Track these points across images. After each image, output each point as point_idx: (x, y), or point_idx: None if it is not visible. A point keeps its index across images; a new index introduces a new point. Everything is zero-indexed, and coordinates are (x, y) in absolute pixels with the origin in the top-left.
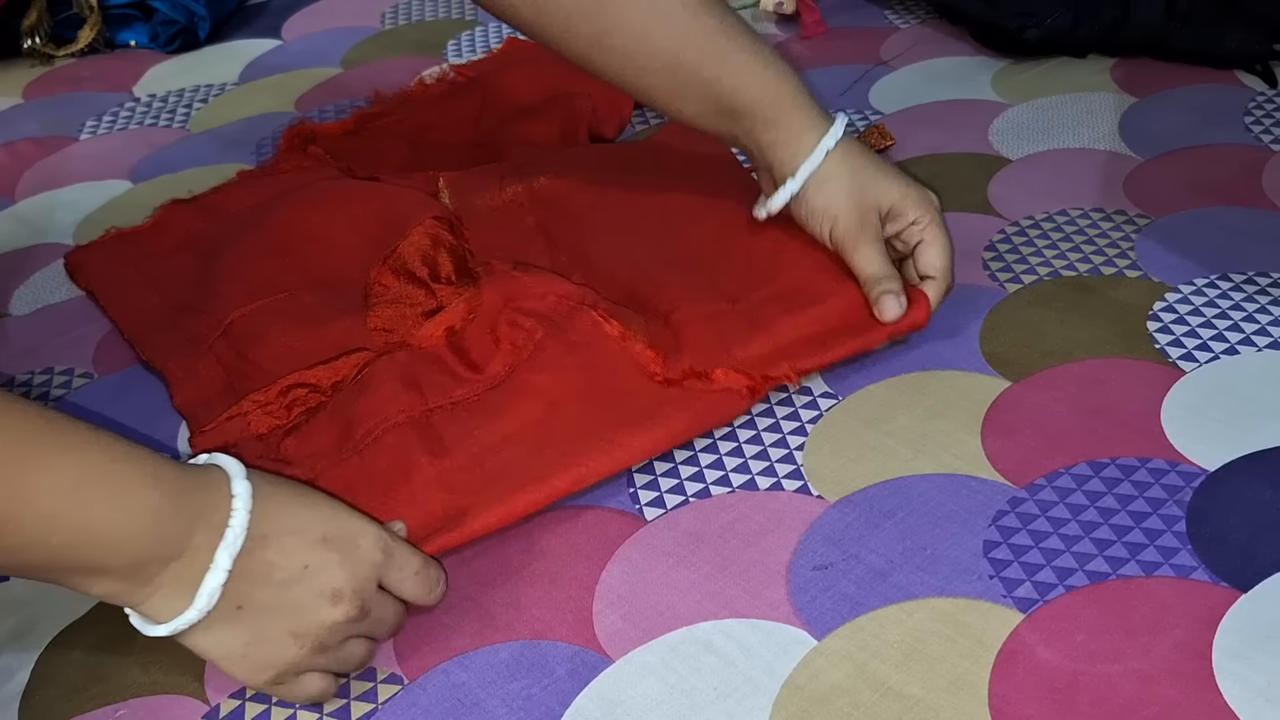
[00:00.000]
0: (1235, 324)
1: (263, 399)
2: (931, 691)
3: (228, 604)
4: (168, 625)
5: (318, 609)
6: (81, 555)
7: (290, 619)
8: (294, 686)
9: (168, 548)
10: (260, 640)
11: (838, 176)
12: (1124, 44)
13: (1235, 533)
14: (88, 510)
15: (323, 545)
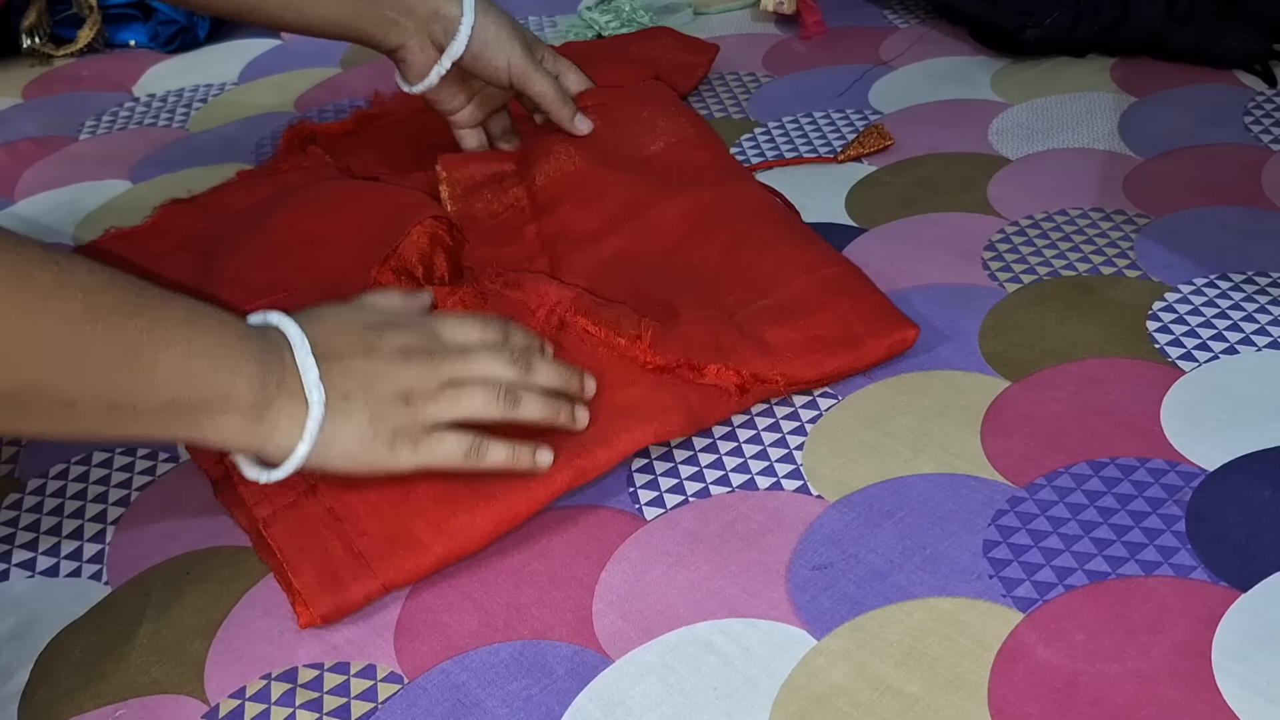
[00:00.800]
0: (1235, 324)
1: None
2: (931, 691)
3: (336, 395)
4: (305, 439)
5: (398, 369)
6: (213, 378)
7: (386, 383)
8: (433, 448)
9: (266, 375)
10: (378, 413)
11: (495, 23)
12: (1123, 44)
13: (1235, 532)
14: (208, 336)
15: (371, 328)
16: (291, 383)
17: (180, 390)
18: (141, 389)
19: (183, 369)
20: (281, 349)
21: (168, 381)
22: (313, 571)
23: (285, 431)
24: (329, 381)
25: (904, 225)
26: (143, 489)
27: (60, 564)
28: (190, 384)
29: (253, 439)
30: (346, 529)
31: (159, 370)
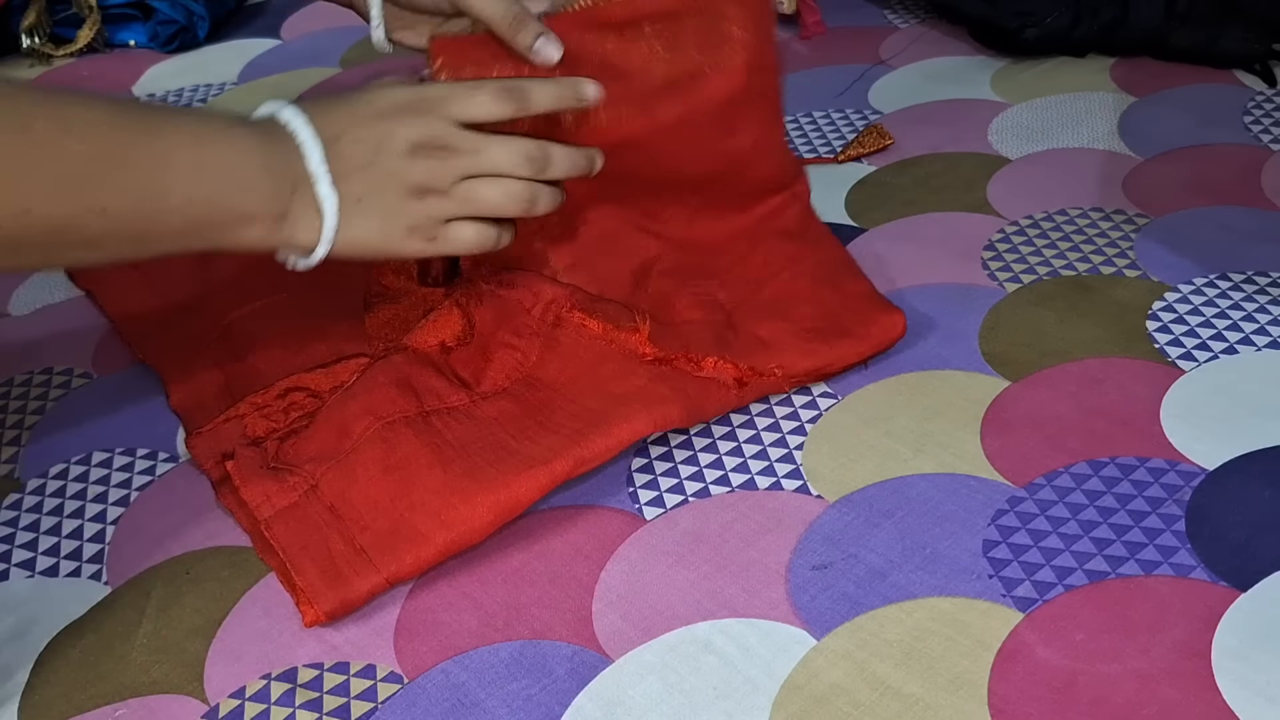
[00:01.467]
0: (1234, 323)
1: (260, 401)
2: (931, 691)
3: (349, 200)
4: (323, 242)
5: (407, 166)
6: (226, 206)
7: (397, 184)
8: (448, 238)
9: (284, 180)
10: (391, 212)
11: None
12: (1123, 43)
13: (1234, 532)
14: (216, 159)
15: (385, 117)
16: (304, 190)
17: (197, 213)
18: (159, 218)
19: (196, 194)
20: (291, 154)
21: (183, 208)
22: (315, 569)
23: (304, 234)
24: (342, 187)
25: (904, 225)
26: (143, 489)
27: (60, 564)
28: (206, 207)
29: (274, 242)
30: (348, 525)
31: (172, 199)
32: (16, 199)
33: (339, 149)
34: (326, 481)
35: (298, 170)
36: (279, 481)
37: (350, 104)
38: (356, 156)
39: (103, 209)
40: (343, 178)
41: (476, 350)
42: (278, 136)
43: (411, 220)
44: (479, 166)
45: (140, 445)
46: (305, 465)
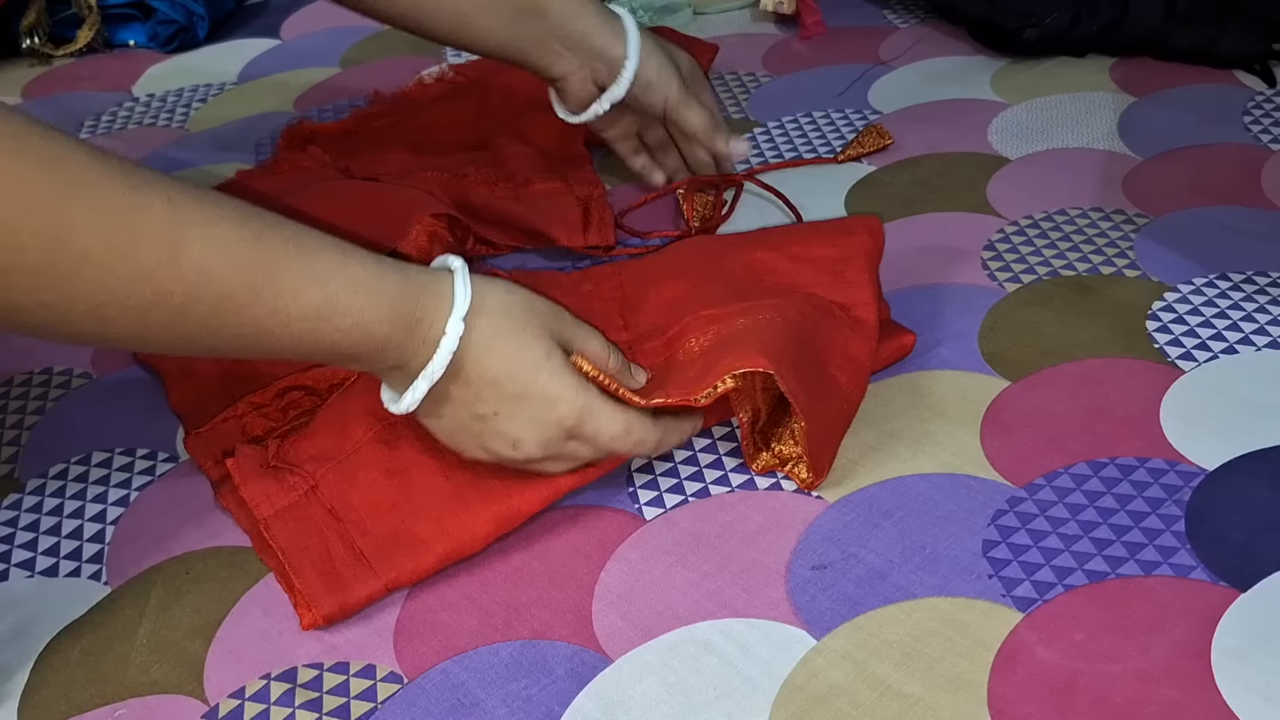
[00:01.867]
0: (1234, 323)
1: (259, 400)
2: (931, 691)
3: (429, 409)
4: (396, 407)
5: (499, 446)
6: (338, 350)
7: (477, 441)
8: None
9: (398, 350)
10: (458, 443)
11: (657, 63)
12: (1123, 43)
13: (1234, 532)
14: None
15: (515, 401)
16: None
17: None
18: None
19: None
20: (432, 321)
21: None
22: (314, 572)
23: (395, 381)
24: (432, 401)
25: (904, 225)
26: (142, 489)
27: (60, 564)
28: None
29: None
30: (348, 529)
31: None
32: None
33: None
34: (326, 483)
35: (433, 331)
36: (279, 481)
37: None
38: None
39: (209, 347)
40: (436, 398)
41: None
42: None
43: (465, 448)
44: (575, 455)
45: (140, 445)
46: (305, 465)
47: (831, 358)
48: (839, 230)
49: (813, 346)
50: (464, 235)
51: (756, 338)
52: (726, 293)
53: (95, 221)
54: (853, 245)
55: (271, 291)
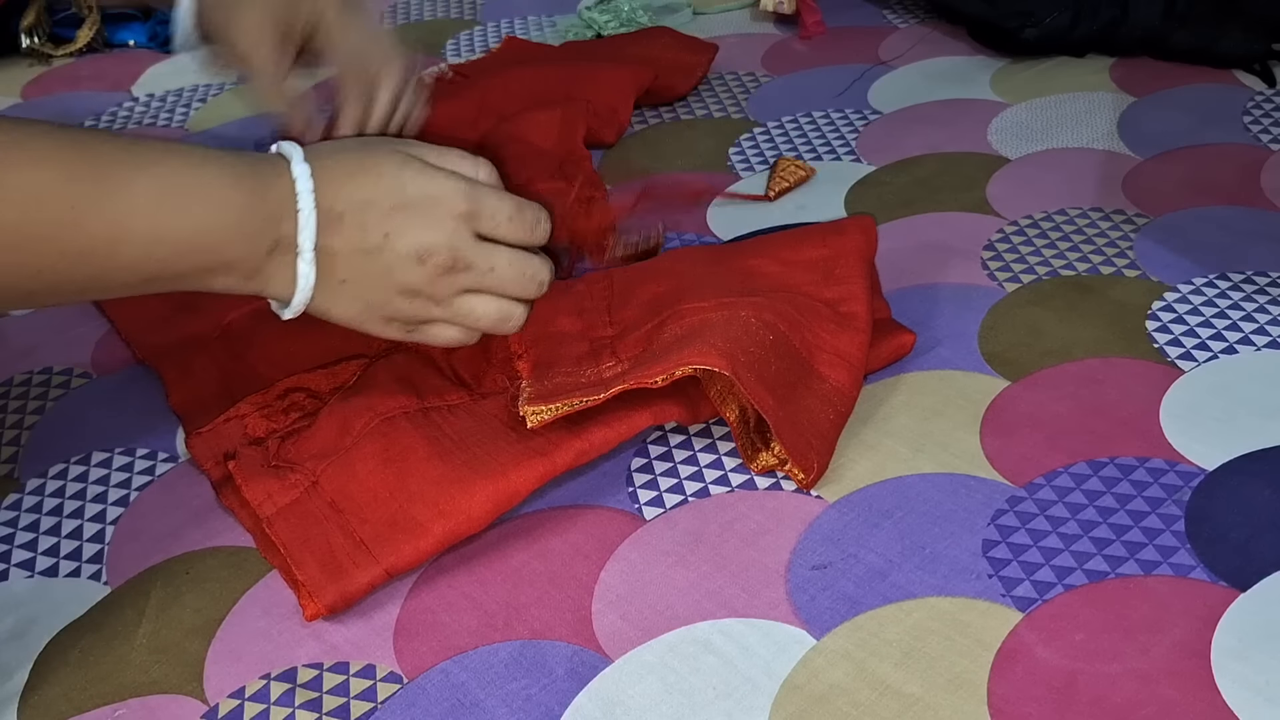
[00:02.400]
0: (1234, 323)
1: (261, 401)
2: (930, 690)
3: (331, 279)
4: (292, 307)
5: (408, 269)
6: (188, 262)
7: (389, 281)
8: (427, 334)
9: (263, 239)
10: (374, 303)
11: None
12: (1122, 43)
13: (1234, 532)
14: (179, 219)
15: (399, 211)
16: (285, 253)
17: (153, 269)
18: (108, 276)
19: (154, 252)
20: (283, 213)
21: (136, 265)
22: (315, 563)
23: (277, 289)
24: (325, 264)
25: (903, 225)
26: (142, 489)
27: (60, 564)
28: (163, 264)
29: (245, 291)
30: (348, 519)
31: (124, 258)
32: None
33: (339, 228)
34: (327, 477)
35: (284, 231)
36: (280, 479)
37: (370, 178)
38: (355, 241)
39: (39, 270)
40: (331, 256)
41: (477, 351)
42: (273, 187)
43: (392, 313)
44: (482, 283)
45: (140, 445)
46: (306, 463)
47: (819, 355)
48: (830, 231)
49: (791, 346)
50: None
51: (721, 335)
52: (711, 291)
53: None
54: (844, 244)
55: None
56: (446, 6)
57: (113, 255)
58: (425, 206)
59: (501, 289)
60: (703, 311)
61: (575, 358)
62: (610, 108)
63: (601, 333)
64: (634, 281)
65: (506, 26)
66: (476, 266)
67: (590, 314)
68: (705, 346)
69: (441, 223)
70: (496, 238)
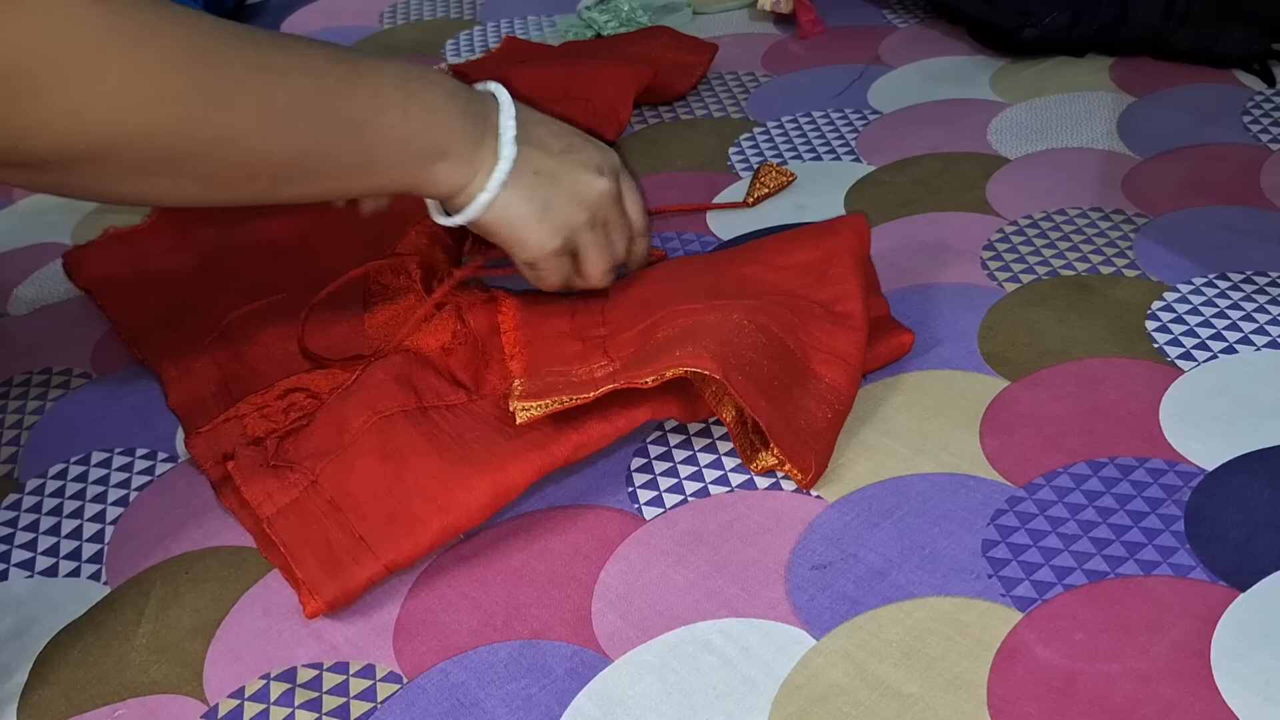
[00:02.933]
0: (1233, 323)
1: (260, 401)
2: (930, 690)
3: (526, 167)
4: (488, 188)
5: (590, 178)
6: (426, 138)
7: (571, 184)
8: (561, 265)
9: (475, 129)
10: (554, 204)
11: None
12: (1122, 43)
13: (1234, 532)
14: (423, 98)
15: (574, 134)
16: (491, 142)
17: (403, 149)
18: (382, 144)
19: (405, 128)
20: (490, 111)
21: (392, 141)
22: (315, 560)
23: (479, 182)
24: (524, 154)
25: (903, 225)
26: (142, 489)
27: (59, 564)
28: (412, 143)
29: (460, 180)
30: (347, 516)
31: (398, 126)
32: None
33: (533, 130)
34: (326, 475)
35: (490, 123)
36: (280, 479)
37: (552, 120)
38: (548, 142)
39: (325, 136)
40: (527, 147)
41: (475, 353)
42: (481, 98)
43: (562, 221)
44: (622, 221)
45: (139, 445)
46: (305, 462)
47: (815, 355)
48: (823, 232)
49: (785, 347)
50: (463, 235)
51: (713, 338)
52: (704, 294)
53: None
54: (836, 244)
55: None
56: (446, 6)
57: (376, 127)
58: (586, 141)
59: (634, 236)
60: (696, 313)
61: (567, 357)
62: (610, 106)
63: (594, 332)
64: (628, 283)
65: (506, 26)
66: (630, 198)
67: (583, 314)
68: (696, 349)
69: (603, 151)
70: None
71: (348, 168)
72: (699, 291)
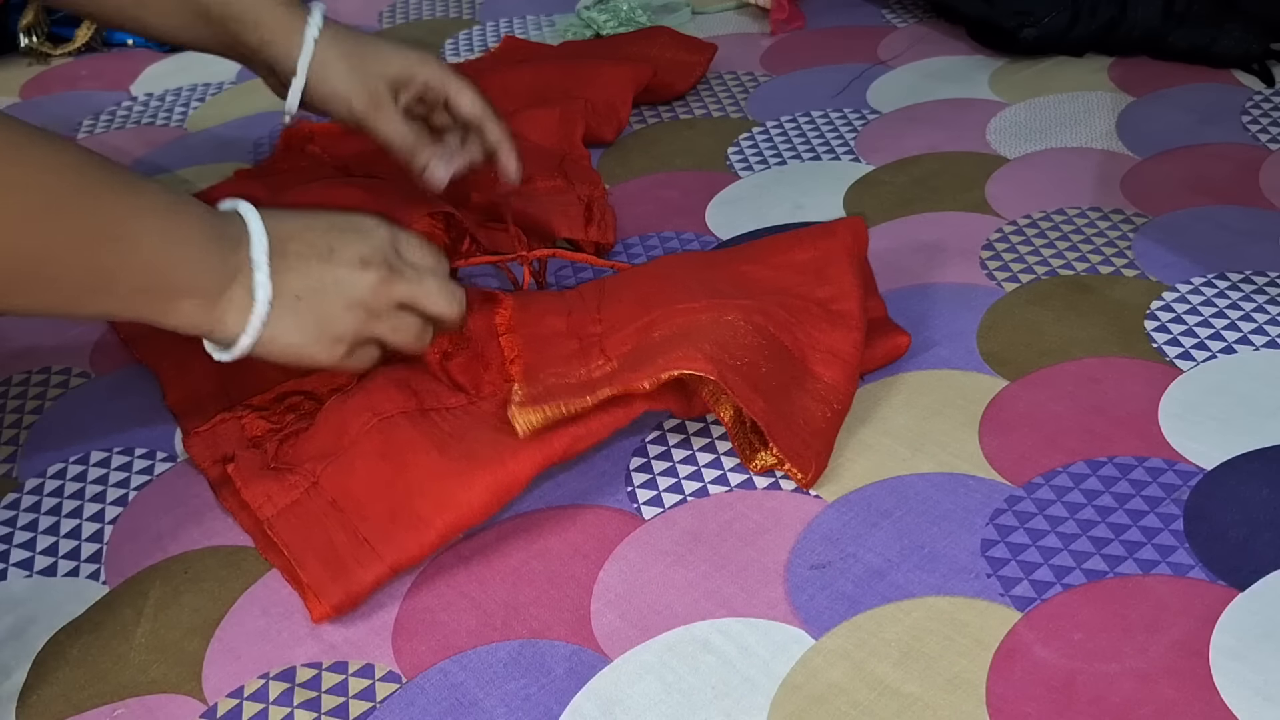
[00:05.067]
0: (1232, 323)
1: (259, 403)
2: (929, 690)
3: (286, 296)
4: (248, 332)
5: (355, 278)
6: (163, 277)
7: (337, 293)
8: (361, 358)
9: (224, 266)
10: (326, 318)
11: (334, 59)
12: (1121, 43)
13: (1232, 531)
14: (163, 235)
15: (336, 230)
16: (244, 278)
17: (153, 274)
18: (121, 269)
19: (159, 254)
20: (239, 241)
21: (145, 263)
22: (319, 563)
23: (234, 321)
24: (281, 281)
25: (902, 224)
26: (141, 489)
27: (58, 563)
28: (163, 269)
29: (204, 323)
30: (349, 517)
31: (139, 253)
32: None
33: (287, 247)
34: (326, 477)
35: (241, 257)
36: (280, 481)
37: (303, 213)
38: (306, 255)
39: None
40: (284, 273)
41: (474, 357)
42: (231, 223)
43: (339, 331)
44: (414, 295)
45: (138, 445)
46: (305, 464)
47: (812, 354)
48: (820, 234)
49: (782, 346)
50: (460, 235)
51: (709, 339)
52: (701, 292)
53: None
54: (833, 245)
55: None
56: (445, 6)
57: (118, 252)
58: (357, 225)
59: (430, 303)
60: (692, 312)
61: (564, 356)
62: (609, 106)
63: (590, 329)
64: (624, 282)
65: (505, 26)
66: (408, 275)
67: (579, 313)
68: (692, 351)
69: (374, 234)
70: (414, 260)
71: (85, 287)
72: (696, 289)
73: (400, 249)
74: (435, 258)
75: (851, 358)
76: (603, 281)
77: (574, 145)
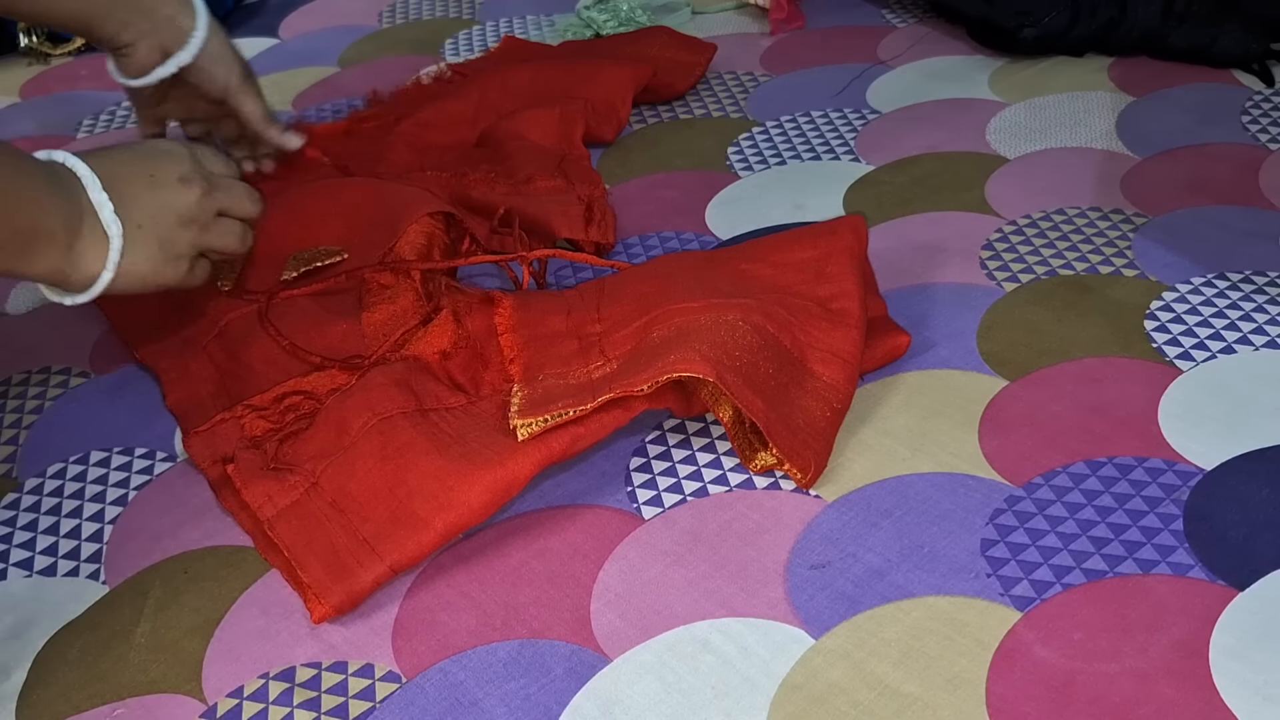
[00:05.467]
0: (1232, 323)
1: (258, 403)
2: (929, 690)
3: (130, 226)
4: (108, 267)
5: (181, 197)
6: (17, 226)
7: (171, 213)
8: (198, 272)
9: (71, 208)
10: (166, 240)
11: (223, 43)
12: (1121, 43)
13: (1232, 531)
14: (11, 186)
15: (148, 157)
16: (91, 220)
17: (8, 224)
18: None
19: (10, 204)
20: (75, 188)
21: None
22: (320, 564)
23: (91, 261)
24: (124, 213)
25: (902, 224)
26: (140, 488)
27: (58, 563)
28: (16, 218)
29: (63, 267)
30: (349, 518)
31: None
32: None
33: (117, 184)
34: (327, 477)
35: (83, 202)
36: (280, 481)
37: (116, 150)
38: (135, 185)
39: None
40: (123, 205)
41: (474, 356)
42: (60, 173)
43: (180, 249)
44: (227, 203)
45: (138, 445)
46: (305, 464)
47: (812, 353)
48: (821, 232)
49: (781, 346)
50: (460, 235)
51: (707, 340)
52: (700, 291)
53: None
54: (834, 244)
55: None
56: (445, 6)
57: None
58: (162, 149)
59: (241, 206)
60: (691, 313)
61: (564, 356)
62: (609, 105)
63: (590, 329)
64: (624, 282)
65: (505, 26)
66: (219, 186)
67: (579, 312)
68: (690, 352)
69: (180, 154)
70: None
71: None
72: (695, 288)
73: (203, 162)
74: (229, 164)
75: (851, 357)
76: (602, 281)
77: (574, 145)
